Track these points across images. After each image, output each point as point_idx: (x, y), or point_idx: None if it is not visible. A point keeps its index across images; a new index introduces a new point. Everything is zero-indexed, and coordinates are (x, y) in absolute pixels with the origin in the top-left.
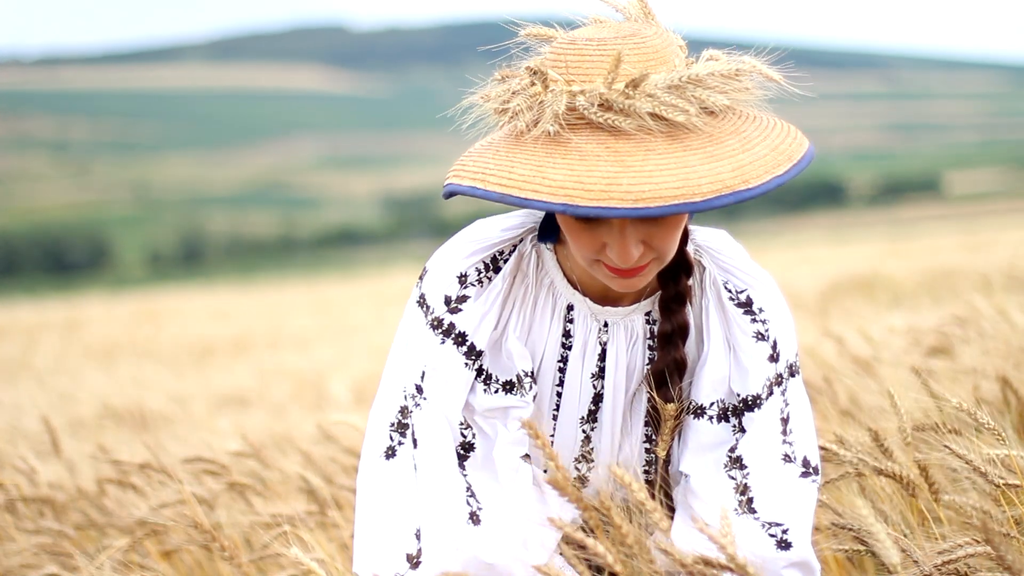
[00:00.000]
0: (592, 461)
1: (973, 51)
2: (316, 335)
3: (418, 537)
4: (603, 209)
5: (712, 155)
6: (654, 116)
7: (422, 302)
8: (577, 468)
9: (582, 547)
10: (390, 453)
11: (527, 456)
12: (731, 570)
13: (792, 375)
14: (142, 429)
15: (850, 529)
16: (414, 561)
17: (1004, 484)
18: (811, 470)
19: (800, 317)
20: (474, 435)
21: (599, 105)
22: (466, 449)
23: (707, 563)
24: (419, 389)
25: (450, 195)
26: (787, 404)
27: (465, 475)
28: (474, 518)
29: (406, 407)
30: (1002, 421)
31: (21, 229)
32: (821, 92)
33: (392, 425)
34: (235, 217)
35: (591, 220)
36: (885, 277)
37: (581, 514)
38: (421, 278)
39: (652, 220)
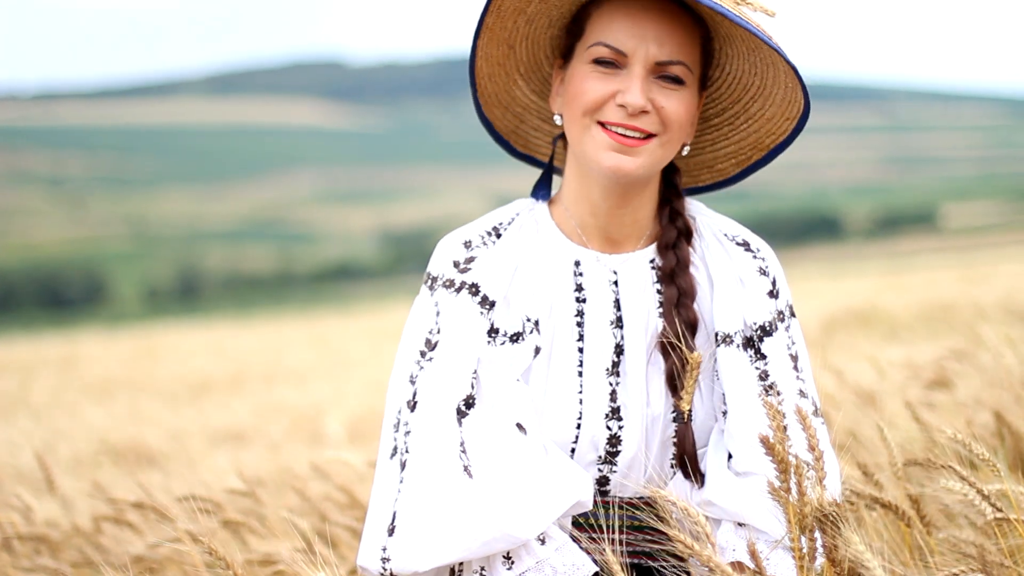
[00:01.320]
0: (622, 419)
1: (970, 84)
2: (313, 371)
3: (393, 505)
4: None
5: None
6: None
7: (428, 278)
8: (608, 427)
9: None
10: (393, 452)
11: (519, 426)
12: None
13: (792, 316)
14: (139, 465)
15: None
16: (388, 528)
17: (999, 517)
18: (819, 412)
19: None
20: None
21: None
22: (468, 405)
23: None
24: (422, 353)
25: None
26: (793, 343)
27: (461, 431)
28: (468, 471)
29: (401, 411)
30: (996, 455)
31: (17, 265)
32: (818, 125)
33: (395, 426)
34: (232, 252)
35: (612, 67)
36: (882, 310)
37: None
38: (424, 282)
39: (668, 87)
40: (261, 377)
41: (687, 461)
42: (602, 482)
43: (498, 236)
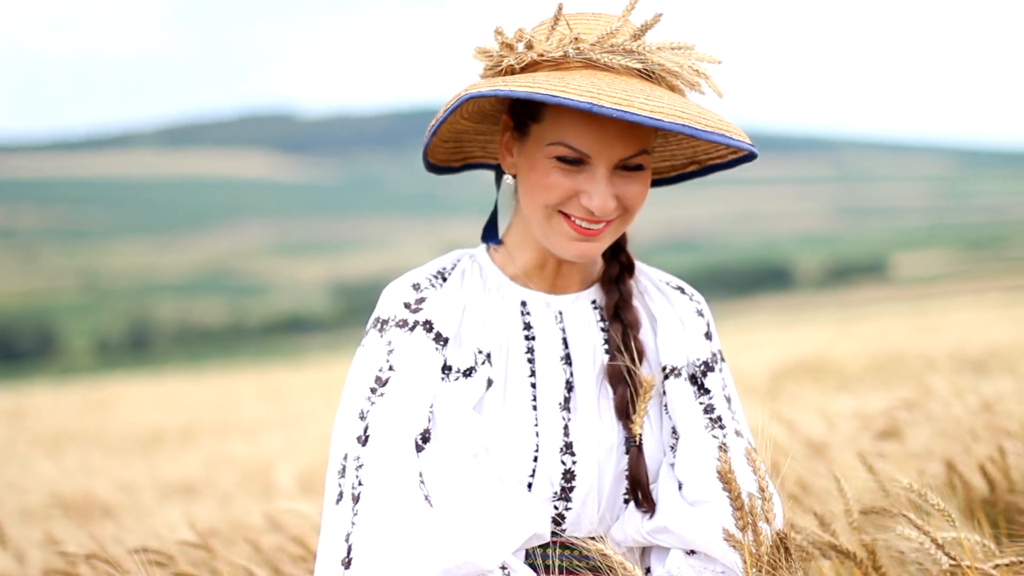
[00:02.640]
0: (575, 454)
1: (919, 134)
2: (265, 423)
3: (347, 539)
4: (626, 113)
5: (700, 107)
6: (653, 64)
7: (376, 323)
8: (562, 462)
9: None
10: (339, 498)
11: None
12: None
13: (723, 360)
14: (91, 518)
15: None
16: (344, 560)
17: (954, 565)
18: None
19: (748, 401)
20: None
21: (604, 47)
22: (424, 440)
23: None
24: (372, 390)
25: (461, 104)
26: (725, 385)
27: (418, 462)
28: (428, 500)
29: (348, 452)
30: (948, 503)
31: None
32: (767, 176)
33: (339, 472)
34: (183, 304)
35: (575, 164)
36: (833, 360)
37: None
38: (368, 329)
39: (629, 175)
40: (212, 429)
41: (639, 488)
42: (557, 520)
43: (444, 280)
